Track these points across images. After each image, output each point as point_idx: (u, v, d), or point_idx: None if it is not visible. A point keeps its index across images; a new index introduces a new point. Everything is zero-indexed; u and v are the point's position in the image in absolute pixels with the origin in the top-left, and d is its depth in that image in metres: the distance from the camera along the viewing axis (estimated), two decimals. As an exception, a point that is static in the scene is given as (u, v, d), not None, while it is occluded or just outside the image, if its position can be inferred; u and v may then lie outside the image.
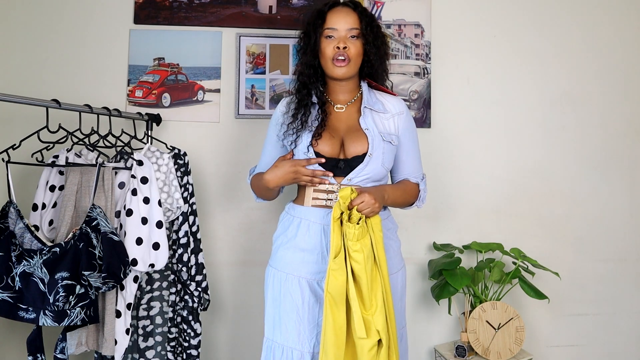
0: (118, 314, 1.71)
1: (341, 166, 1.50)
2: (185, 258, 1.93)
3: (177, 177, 1.95)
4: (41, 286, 1.55)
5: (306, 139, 1.54)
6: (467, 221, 2.31)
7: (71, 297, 1.55)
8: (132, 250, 1.70)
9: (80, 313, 1.57)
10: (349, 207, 1.41)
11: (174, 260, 1.94)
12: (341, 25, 1.51)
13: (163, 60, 2.22)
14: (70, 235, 1.60)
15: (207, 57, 2.23)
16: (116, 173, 1.78)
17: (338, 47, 1.50)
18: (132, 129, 2.01)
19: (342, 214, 1.42)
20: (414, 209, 1.71)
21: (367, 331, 1.37)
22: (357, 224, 1.40)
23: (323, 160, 1.48)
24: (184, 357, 1.95)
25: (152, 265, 1.74)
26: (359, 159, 1.50)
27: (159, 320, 1.94)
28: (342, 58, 1.50)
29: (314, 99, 1.58)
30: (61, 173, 1.82)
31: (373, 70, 1.60)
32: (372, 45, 1.55)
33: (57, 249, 1.57)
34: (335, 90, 1.60)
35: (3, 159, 1.69)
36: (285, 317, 1.53)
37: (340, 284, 1.38)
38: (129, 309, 1.75)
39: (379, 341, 1.39)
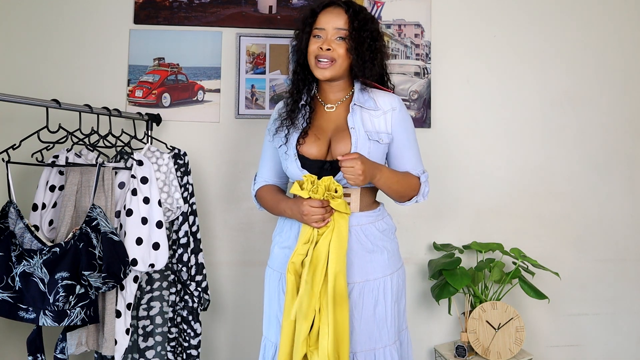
0: (118, 314, 1.71)
1: (327, 168, 1.49)
2: (185, 258, 1.93)
3: (177, 177, 1.95)
4: (41, 286, 1.55)
5: (293, 140, 1.53)
6: (467, 221, 2.31)
7: (71, 297, 1.55)
8: (132, 250, 1.70)
9: (80, 313, 1.57)
10: (340, 163, 1.39)
11: (174, 260, 1.94)
12: (329, 25, 1.50)
13: (163, 60, 2.22)
14: (70, 235, 1.60)
15: (207, 57, 2.23)
16: (116, 173, 1.78)
17: (322, 48, 1.49)
18: (132, 129, 2.01)
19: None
20: (413, 207, 1.69)
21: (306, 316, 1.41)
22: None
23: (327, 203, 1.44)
24: (184, 357, 1.95)
25: (152, 265, 1.74)
26: None
27: (159, 320, 1.94)
28: (325, 60, 1.48)
29: (304, 99, 1.57)
30: (61, 173, 1.82)
31: (360, 73, 1.53)
32: (355, 49, 1.49)
33: (57, 249, 1.57)
34: (326, 90, 1.58)
35: (3, 159, 1.69)
36: (279, 315, 1.53)
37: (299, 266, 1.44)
38: (129, 309, 1.75)
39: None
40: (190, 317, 1.95)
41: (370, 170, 1.41)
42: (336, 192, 1.42)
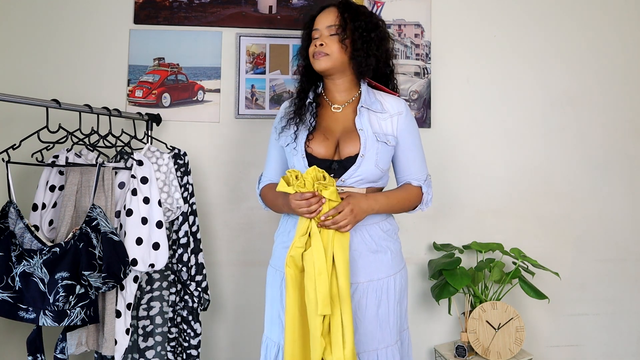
0: (118, 314, 1.71)
1: (334, 167, 1.50)
2: (185, 258, 1.93)
3: (177, 177, 1.95)
4: (41, 286, 1.55)
5: (302, 139, 1.54)
6: (467, 221, 2.31)
7: (71, 297, 1.55)
8: (132, 250, 1.70)
9: (80, 313, 1.57)
10: (324, 216, 1.40)
11: (174, 260, 1.94)
12: (321, 24, 1.55)
13: (163, 60, 2.22)
14: (70, 235, 1.60)
15: (207, 57, 2.23)
16: (116, 173, 1.78)
17: (316, 45, 1.54)
18: (132, 129, 2.01)
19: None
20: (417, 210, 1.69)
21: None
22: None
23: (309, 194, 1.42)
24: (184, 357, 1.95)
25: (152, 265, 1.74)
26: (351, 160, 1.49)
27: (159, 320, 1.94)
28: (320, 54, 1.53)
29: (311, 97, 1.60)
30: (61, 173, 1.82)
31: (355, 64, 1.55)
32: (346, 40, 1.52)
33: (57, 249, 1.57)
34: (331, 90, 1.60)
35: (3, 159, 1.69)
36: (281, 314, 1.54)
37: (299, 260, 1.42)
38: (129, 309, 1.75)
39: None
40: (190, 317, 1.95)
41: (362, 206, 1.44)
42: (325, 179, 1.41)
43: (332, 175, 1.49)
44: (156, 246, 1.75)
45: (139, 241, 1.72)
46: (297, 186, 1.41)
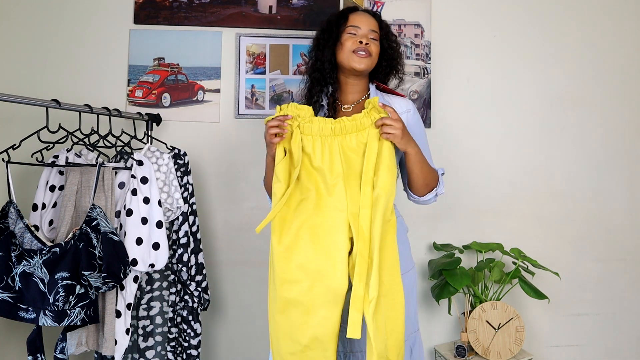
0: (118, 314, 1.71)
1: None
2: (185, 258, 1.93)
3: (177, 177, 1.95)
4: (41, 286, 1.55)
5: None
6: (467, 221, 2.31)
7: (71, 297, 1.55)
8: (132, 250, 1.70)
9: (80, 313, 1.57)
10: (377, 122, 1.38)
11: (174, 260, 1.94)
12: (364, 25, 1.57)
13: (163, 60, 2.22)
14: (70, 235, 1.60)
15: (207, 57, 2.23)
16: (116, 173, 1.78)
17: (360, 42, 1.54)
18: (132, 129, 2.01)
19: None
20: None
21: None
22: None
23: (290, 116, 1.42)
24: (184, 357, 1.95)
25: (152, 265, 1.74)
26: None
27: (159, 320, 1.94)
28: (364, 52, 1.55)
29: (323, 99, 1.61)
30: (61, 173, 1.82)
31: (393, 71, 1.66)
32: (391, 48, 1.63)
33: (57, 249, 1.57)
34: (346, 90, 1.62)
35: (3, 159, 1.69)
36: None
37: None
38: (129, 309, 1.75)
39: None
40: (190, 317, 1.95)
41: (408, 134, 1.43)
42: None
43: None
44: (156, 246, 1.75)
45: (139, 241, 1.72)
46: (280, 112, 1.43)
